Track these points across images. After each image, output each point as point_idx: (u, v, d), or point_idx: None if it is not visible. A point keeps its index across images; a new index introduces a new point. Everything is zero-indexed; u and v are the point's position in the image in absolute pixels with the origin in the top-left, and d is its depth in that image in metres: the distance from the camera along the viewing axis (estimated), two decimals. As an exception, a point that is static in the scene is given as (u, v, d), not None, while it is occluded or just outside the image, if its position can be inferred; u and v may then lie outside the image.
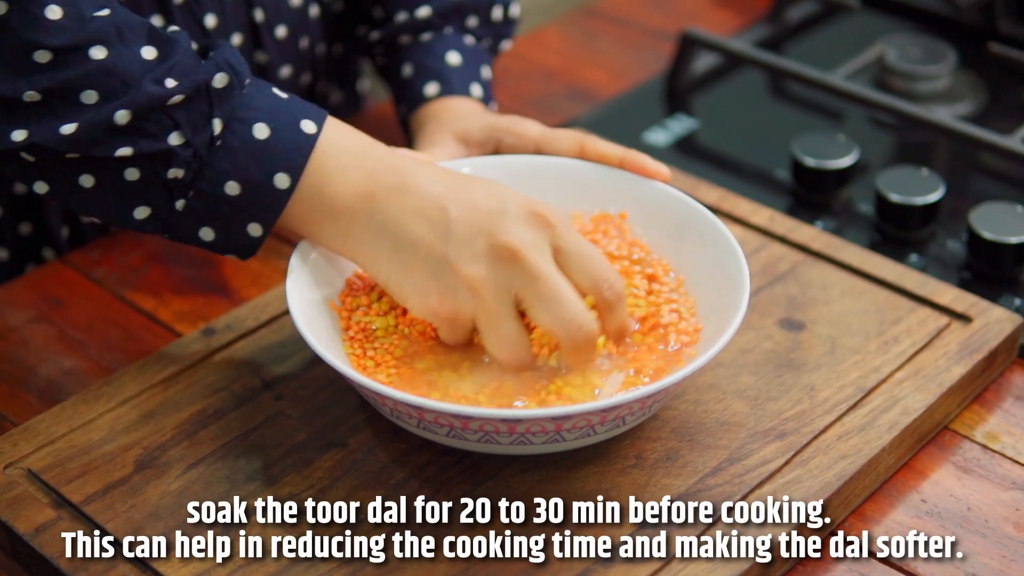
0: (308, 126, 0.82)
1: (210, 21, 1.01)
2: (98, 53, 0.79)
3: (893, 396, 0.85)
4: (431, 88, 1.02)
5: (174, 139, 0.80)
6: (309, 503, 0.78)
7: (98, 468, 0.80)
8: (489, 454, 0.80)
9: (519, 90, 1.24)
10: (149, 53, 0.80)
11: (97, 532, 0.76)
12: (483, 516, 0.77)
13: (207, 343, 0.89)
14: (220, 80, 0.81)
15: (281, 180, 0.81)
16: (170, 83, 0.80)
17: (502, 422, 0.74)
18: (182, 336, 0.91)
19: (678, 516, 0.77)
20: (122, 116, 0.79)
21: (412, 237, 0.79)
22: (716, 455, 0.81)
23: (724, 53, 1.22)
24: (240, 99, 0.82)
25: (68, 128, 0.78)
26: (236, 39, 1.03)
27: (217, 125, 0.81)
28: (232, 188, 0.81)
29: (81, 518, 0.77)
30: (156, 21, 0.99)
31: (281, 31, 1.06)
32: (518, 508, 0.77)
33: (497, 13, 1.07)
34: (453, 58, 1.03)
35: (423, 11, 1.04)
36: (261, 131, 0.81)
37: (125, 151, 0.79)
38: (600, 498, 0.78)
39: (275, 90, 0.84)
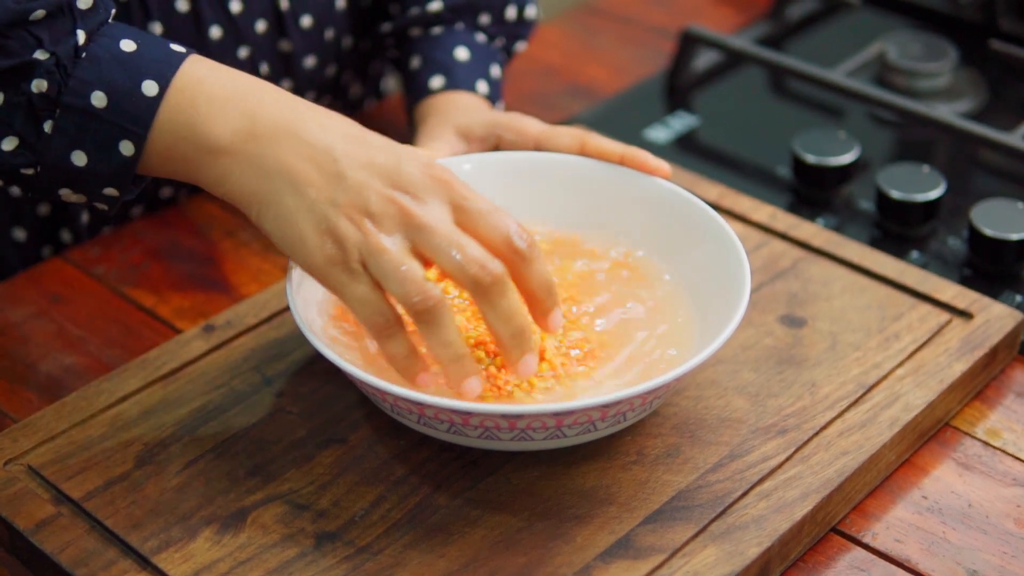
0: (177, 47, 0.80)
1: (235, 7, 1.02)
2: None
3: (894, 392, 0.85)
4: (436, 81, 1.02)
5: (38, 54, 0.77)
6: (309, 499, 0.78)
7: (98, 464, 0.80)
8: (490, 450, 0.80)
9: (520, 87, 1.24)
10: None
11: (97, 528, 0.76)
12: (483, 512, 0.77)
13: (207, 340, 0.89)
14: (84, 1, 0.79)
15: (149, 87, 0.77)
16: (31, 2, 0.77)
17: (503, 418, 0.74)
18: (182, 333, 0.91)
19: (679, 512, 0.77)
20: None
21: (300, 183, 0.76)
22: (717, 451, 0.81)
23: (725, 50, 1.22)
24: (106, 20, 0.79)
25: None
26: (261, 26, 1.04)
27: (81, 36, 0.78)
28: (98, 99, 0.77)
29: (81, 514, 0.77)
30: (182, 6, 0.99)
31: (306, 20, 1.06)
32: (518, 504, 0.77)
33: (511, 12, 1.07)
34: (461, 53, 1.04)
35: (435, 5, 1.05)
36: (127, 44, 0.78)
37: None
38: (601, 494, 0.78)
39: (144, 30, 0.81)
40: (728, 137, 1.18)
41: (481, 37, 1.06)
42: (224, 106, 0.78)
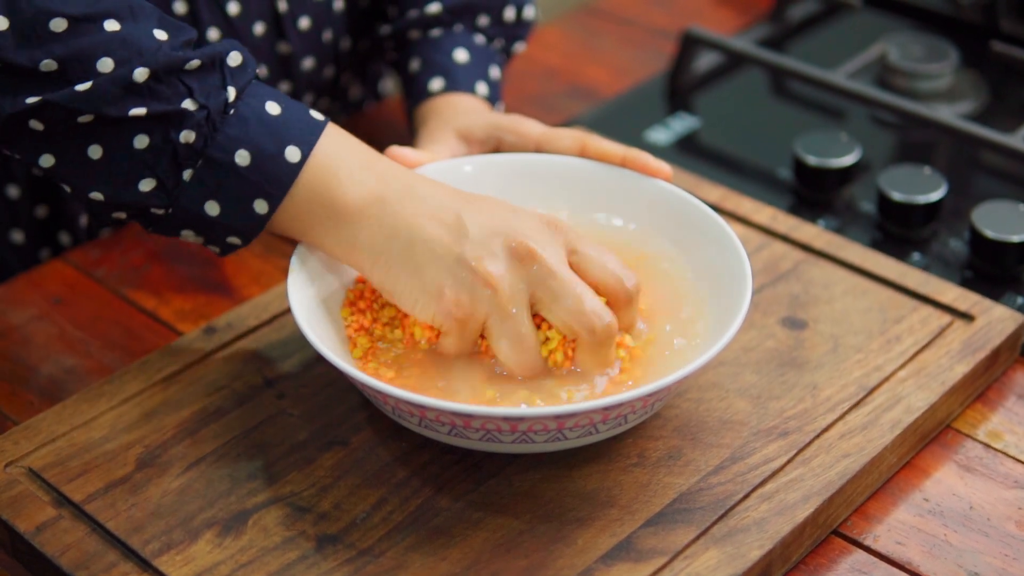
0: (317, 115, 0.83)
1: (233, 9, 1.02)
2: (112, 25, 0.79)
3: (895, 395, 0.85)
4: (436, 83, 1.02)
5: (188, 104, 0.79)
6: (311, 502, 0.78)
7: (99, 467, 0.80)
8: (491, 452, 0.80)
9: (521, 89, 1.24)
10: (161, 34, 0.80)
11: (98, 531, 0.76)
12: (485, 515, 0.77)
13: (208, 342, 0.89)
14: (234, 58, 0.81)
15: (292, 153, 0.81)
16: (185, 53, 0.80)
17: (504, 420, 0.74)
18: (183, 335, 0.91)
19: (680, 515, 0.77)
20: (140, 74, 0.78)
21: (426, 238, 0.79)
22: (718, 454, 0.81)
23: (726, 52, 1.22)
24: (252, 80, 0.82)
25: (83, 86, 0.78)
26: (259, 28, 1.04)
27: (231, 93, 0.80)
28: (242, 157, 0.80)
29: (82, 517, 0.77)
30: (180, 8, 0.99)
31: (304, 22, 1.06)
32: (520, 507, 0.77)
33: (510, 13, 1.07)
34: (461, 55, 1.04)
35: (434, 7, 1.05)
36: (273, 108, 0.81)
37: (138, 111, 0.79)
38: (602, 497, 0.78)
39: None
40: (729, 139, 1.17)
41: (480, 39, 1.06)
42: (358, 174, 0.81)
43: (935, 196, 1.03)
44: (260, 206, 0.81)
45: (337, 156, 0.82)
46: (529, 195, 0.91)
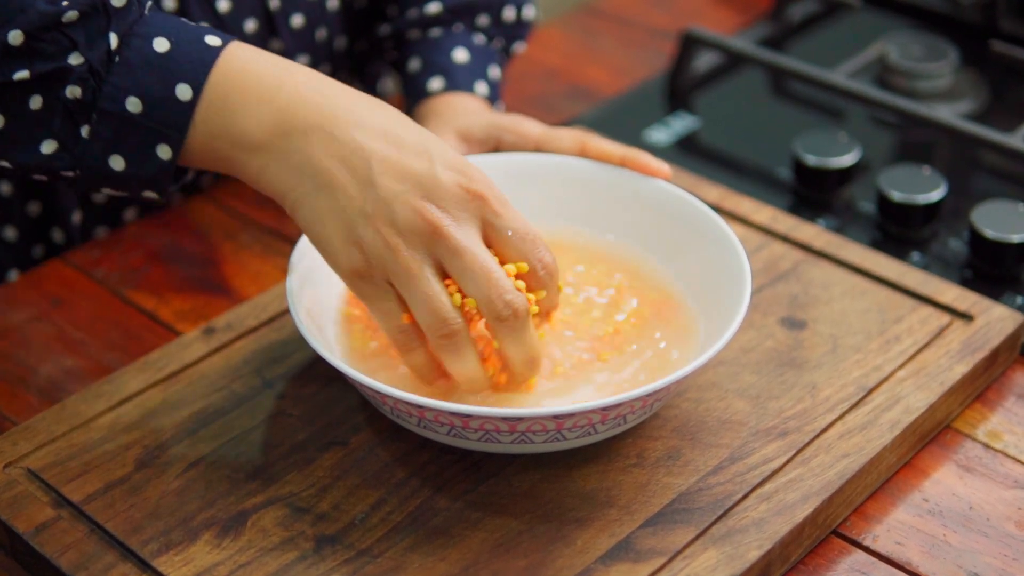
0: (212, 40, 0.79)
1: (223, 6, 1.01)
2: None
3: (895, 395, 0.85)
4: (435, 83, 1.02)
5: (72, 59, 0.77)
6: (310, 502, 0.78)
7: (98, 467, 0.80)
8: (490, 453, 0.80)
9: (520, 89, 1.24)
10: None
11: (97, 531, 0.76)
12: (484, 515, 0.77)
13: (207, 342, 0.89)
14: (118, 0, 0.79)
15: (183, 91, 0.77)
16: (65, 2, 0.77)
17: (503, 421, 0.74)
18: (182, 335, 0.91)
19: (679, 515, 0.77)
20: (15, 36, 0.76)
21: (331, 182, 0.75)
22: (717, 454, 0.81)
23: (725, 52, 1.22)
24: (140, 17, 0.79)
25: None
26: (250, 25, 1.03)
27: (114, 40, 0.77)
28: (133, 104, 0.77)
29: (81, 517, 0.77)
30: (169, 4, 0.99)
31: (297, 20, 1.06)
32: (519, 507, 0.77)
33: (509, 13, 1.07)
34: (460, 55, 1.03)
35: (433, 7, 1.05)
36: (161, 44, 0.78)
37: (22, 74, 0.76)
38: (601, 497, 0.78)
39: (182, 19, 0.81)
40: (729, 139, 1.17)
41: (480, 38, 1.06)
42: (258, 102, 0.77)
43: (935, 196, 1.03)
44: (163, 151, 0.78)
45: (233, 86, 0.77)
46: (528, 195, 0.91)
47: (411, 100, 1.04)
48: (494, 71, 1.06)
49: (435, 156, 0.76)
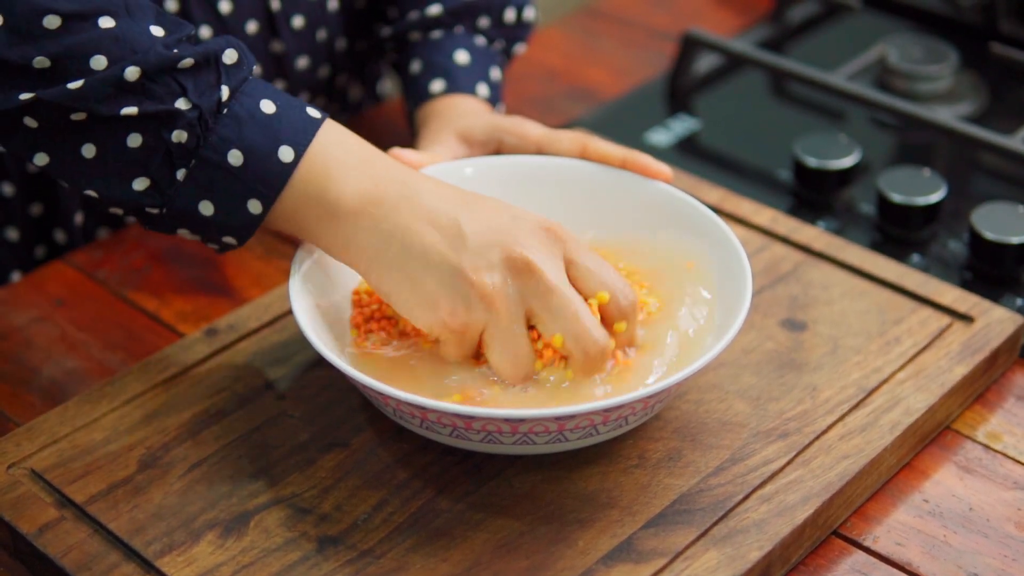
0: (313, 112, 0.82)
1: (224, 7, 1.02)
2: (107, 22, 0.78)
3: (895, 396, 0.85)
4: (437, 85, 1.03)
5: (181, 103, 0.79)
6: (312, 503, 0.78)
7: (101, 468, 0.80)
8: (492, 454, 0.80)
9: (521, 90, 1.24)
10: (157, 31, 0.80)
11: (100, 532, 0.77)
12: (486, 516, 0.77)
13: (209, 343, 0.89)
14: (230, 56, 0.81)
15: (285, 153, 0.80)
16: (180, 50, 0.79)
17: (505, 422, 0.74)
18: (184, 336, 0.92)
19: (680, 516, 0.77)
20: (132, 73, 0.78)
21: (422, 245, 0.78)
22: (718, 455, 0.81)
23: (726, 53, 1.22)
24: (248, 77, 0.82)
25: (75, 84, 0.77)
26: (251, 27, 1.04)
27: (225, 92, 0.80)
28: (235, 157, 0.79)
29: (84, 518, 0.77)
30: (171, 6, 0.99)
31: (298, 21, 1.06)
32: (520, 508, 0.78)
33: (510, 15, 1.07)
34: (461, 57, 1.04)
35: (434, 9, 1.05)
36: (267, 106, 0.81)
37: (130, 110, 0.78)
38: (602, 498, 0.78)
39: (279, 89, 0.83)
40: (729, 140, 1.18)
41: (480, 40, 1.07)
42: (356, 173, 0.80)
43: (935, 198, 1.03)
44: (254, 206, 0.81)
45: (332, 155, 0.81)
46: (529, 197, 0.92)
47: (412, 102, 1.04)
48: (495, 73, 1.06)
49: (514, 209, 0.81)
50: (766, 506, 0.77)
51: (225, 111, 0.80)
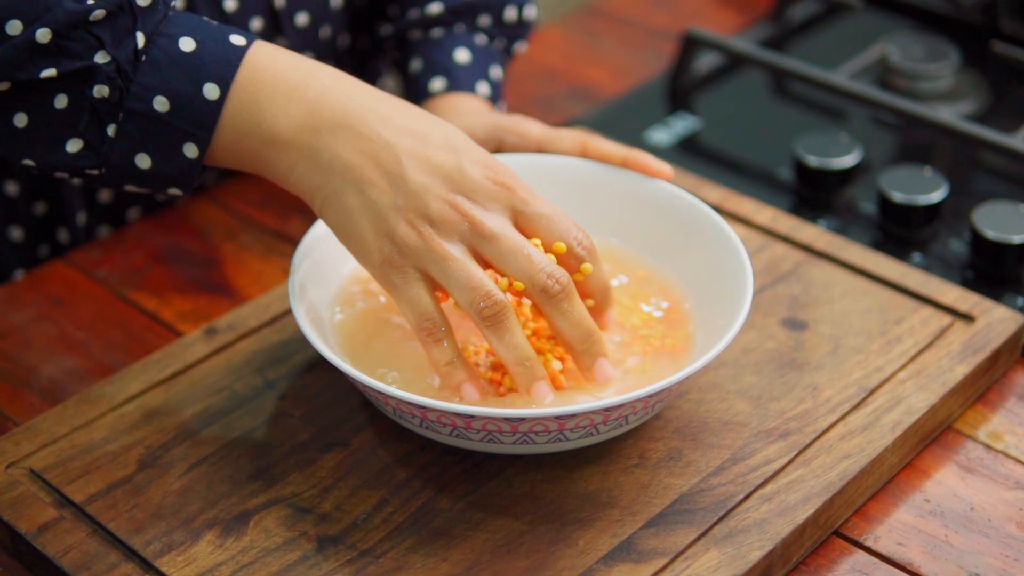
0: (237, 39, 0.79)
1: (230, 5, 1.02)
2: None
3: (896, 396, 0.85)
4: (437, 83, 1.02)
5: (99, 57, 0.77)
6: (312, 502, 0.78)
7: (100, 468, 0.80)
8: (492, 453, 0.80)
9: (521, 89, 1.24)
10: None
11: (100, 532, 0.76)
12: (486, 516, 0.77)
13: (209, 343, 0.89)
14: None
15: (210, 90, 0.78)
16: (91, 1, 0.77)
17: (505, 421, 0.74)
18: (184, 336, 0.91)
19: (681, 516, 0.77)
20: (43, 35, 0.76)
21: (361, 178, 0.76)
22: (719, 455, 0.81)
23: (726, 52, 1.22)
24: (165, 17, 0.79)
25: None
26: (256, 24, 1.04)
27: (140, 39, 0.78)
28: (161, 103, 0.78)
29: (84, 518, 0.77)
30: (176, 4, 0.99)
31: (302, 18, 1.06)
32: (521, 508, 0.77)
33: (511, 14, 1.07)
34: (462, 55, 1.04)
35: (435, 7, 1.05)
36: (187, 44, 0.78)
37: (49, 72, 0.77)
38: (603, 498, 0.78)
39: (205, 18, 0.81)
40: (730, 139, 1.18)
41: (481, 39, 1.06)
42: (286, 100, 0.78)
43: (936, 197, 1.03)
44: (190, 150, 0.79)
45: (260, 84, 0.78)
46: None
47: (413, 100, 1.04)
48: (495, 71, 1.06)
49: (460, 150, 0.78)
50: (767, 506, 0.77)
51: (143, 57, 0.78)
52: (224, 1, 1.01)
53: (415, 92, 1.04)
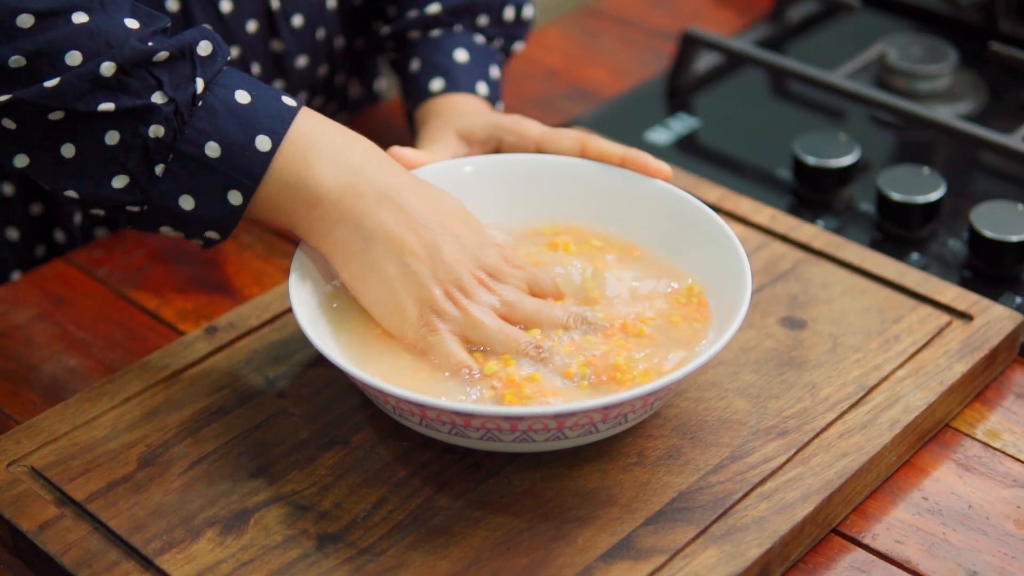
0: (288, 100, 0.82)
1: (225, 7, 1.02)
2: (80, 17, 0.78)
3: (894, 394, 0.85)
4: (436, 84, 1.03)
5: (157, 97, 0.79)
6: (312, 500, 0.78)
7: (101, 466, 0.80)
8: (491, 452, 0.80)
9: (521, 90, 1.24)
10: (132, 23, 0.80)
11: (100, 530, 0.77)
12: (485, 514, 0.77)
13: (209, 342, 0.89)
14: (204, 47, 0.81)
15: (262, 143, 0.80)
16: (154, 44, 0.79)
17: (504, 420, 0.74)
18: (185, 335, 0.92)
19: (680, 514, 0.77)
20: (107, 68, 0.78)
21: (403, 248, 0.81)
22: (718, 453, 0.81)
23: (725, 52, 1.22)
24: (222, 68, 0.82)
25: (52, 82, 0.77)
26: (251, 26, 1.04)
27: (200, 85, 0.80)
28: (212, 149, 0.80)
29: (84, 516, 0.78)
30: (172, 6, 0.99)
31: (297, 20, 1.06)
32: (520, 506, 0.78)
33: (509, 13, 1.07)
34: (461, 55, 1.04)
35: (433, 8, 1.05)
36: (243, 96, 0.81)
37: (107, 106, 0.78)
38: (602, 496, 0.78)
39: (255, 78, 0.83)
40: (729, 139, 1.18)
41: (480, 39, 1.07)
42: (333, 160, 0.81)
43: (934, 196, 1.03)
44: (234, 197, 0.81)
45: (310, 142, 0.81)
46: (528, 195, 0.92)
47: (412, 101, 1.04)
48: (494, 71, 1.06)
49: (478, 228, 0.85)
50: (765, 504, 0.77)
51: (200, 103, 0.80)
52: (220, 3, 1.02)
53: (414, 92, 1.04)
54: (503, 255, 0.85)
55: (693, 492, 0.78)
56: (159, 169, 0.80)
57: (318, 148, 0.81)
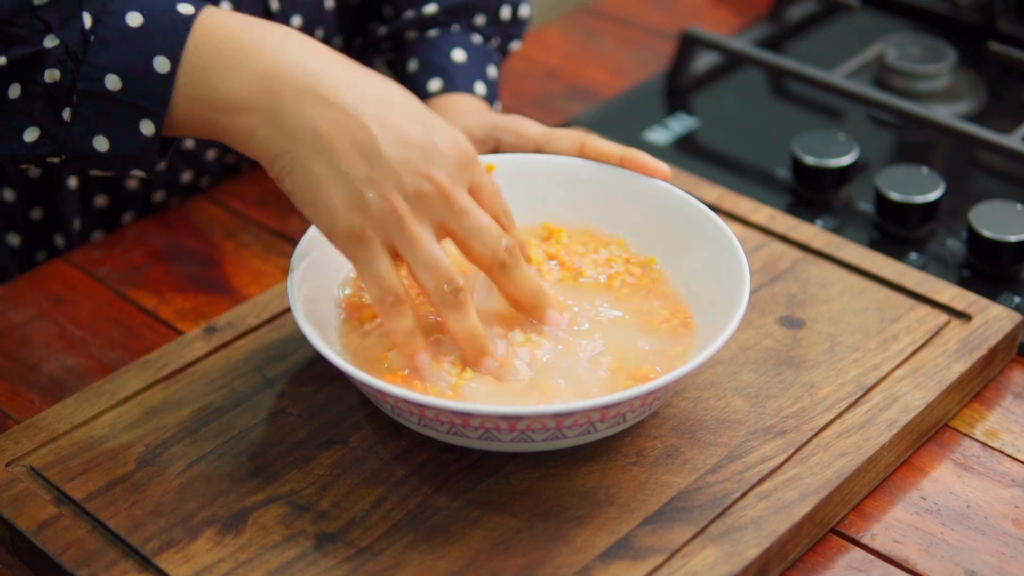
0: (184, 8, 0.78)
1: (224, 7, 1.02)
2: None
3: (893, 394, 0.85)
4: (434, 84, 1.03)
5: (48, 41, 0.76)
6: (310, 500, 0.78)
7: (100, 465, 0.80)
8: (490, 451, 0.80)
9: (520, 89, 1.24)
10: None
11: (99, 529, 0.77)
12: (484, 514, 0.77)
13: (208, 341, 0.89)
14: None
15: (161, 64, 0.77)
16: None
17: (503, 419, 0.74)
18: (184, 334, 0.92)
19: (678, 513, 0.77)
20: None
21: (331, 147, 0.75)
22: (716, 452, 0.81)
23: (724, 52, 1.22)
24: None
25: None
26: None
27: (87, 19, 0.77)
28: (112, 82, 0.77)
29: (83, 515, 0.78)
30: None
31: (296, 21, 1.06)
32: (518, 505, 0.78)
33: (506, 12, 1.07)
34: (458, 55, 1.04)
35: (430, 8, 1.05)
36: (134, 19, 0.78)
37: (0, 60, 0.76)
38: (600, 495, 0.78)
39: None
40: (727, 139, 1.18)
41: (477, 38, 1.07)
42: (239, 65, 0.77)
43: (933, 196, 1.03)
44: (146, 127, 0.78)
45: (212, 51, 0.77)
46: (527, 195, 0.92)
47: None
48: (492, 71, 1.06)
49: (427, 121, 0.78)
50: (764, 503, 0.77)
51: (92, 37, 0.77)
52: (220, 5, 1.01)
53: (412, 92, 1.04)
54: (457, 147, 0.77)
55: (691, 492, 0.78)
56: (66, 114, 0.77)
57: (220, 55, 0.77)
